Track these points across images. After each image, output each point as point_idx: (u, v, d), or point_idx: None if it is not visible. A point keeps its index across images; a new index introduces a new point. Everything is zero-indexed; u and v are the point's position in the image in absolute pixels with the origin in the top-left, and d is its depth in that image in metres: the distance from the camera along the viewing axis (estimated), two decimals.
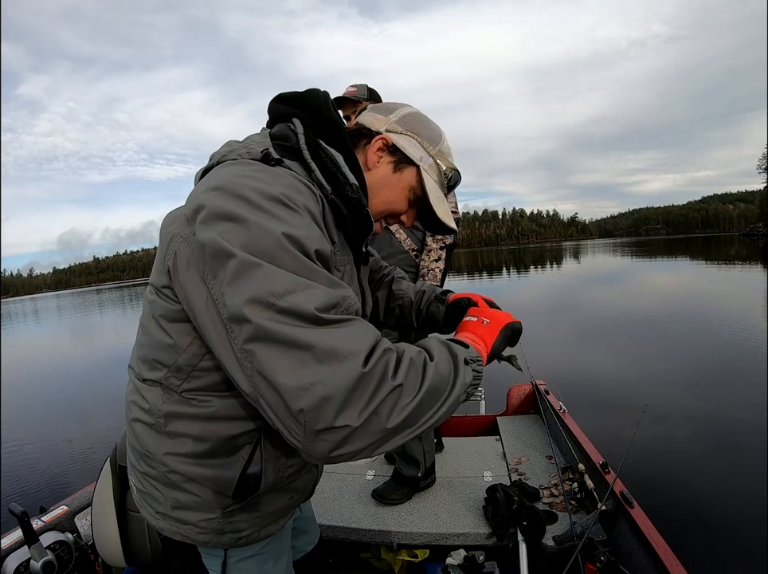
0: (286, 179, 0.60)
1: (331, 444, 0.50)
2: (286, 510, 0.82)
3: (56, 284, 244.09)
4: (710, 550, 2.15)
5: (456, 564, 1.56)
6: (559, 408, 2.24)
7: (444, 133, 0.79)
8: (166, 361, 0.67)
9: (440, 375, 0.57)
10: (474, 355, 0.66)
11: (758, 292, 10.24)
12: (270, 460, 0.71)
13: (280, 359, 0.50)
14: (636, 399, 4.10)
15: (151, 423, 0.70)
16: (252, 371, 0.52)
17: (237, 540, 0.76)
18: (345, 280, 0.70)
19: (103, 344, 12.17)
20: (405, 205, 0.78)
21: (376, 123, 0.76)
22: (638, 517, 1.34)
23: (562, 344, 6.71)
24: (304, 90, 0.74)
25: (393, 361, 0.54)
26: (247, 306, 0.51)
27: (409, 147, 0.74)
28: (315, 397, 0.48)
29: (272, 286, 0.51)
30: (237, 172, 0.60)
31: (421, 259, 1.87)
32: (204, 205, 0.57)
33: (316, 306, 0.51)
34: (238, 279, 0.52)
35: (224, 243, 0.53)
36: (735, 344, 5.84)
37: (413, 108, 0.78)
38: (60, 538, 1.46)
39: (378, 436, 0.51)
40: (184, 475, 0.70)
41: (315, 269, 0.54)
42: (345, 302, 0.55)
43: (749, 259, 21.74)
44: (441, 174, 0.77)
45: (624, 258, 30.73)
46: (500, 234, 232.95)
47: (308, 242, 0.55)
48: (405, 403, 0.52)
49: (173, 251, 0.61)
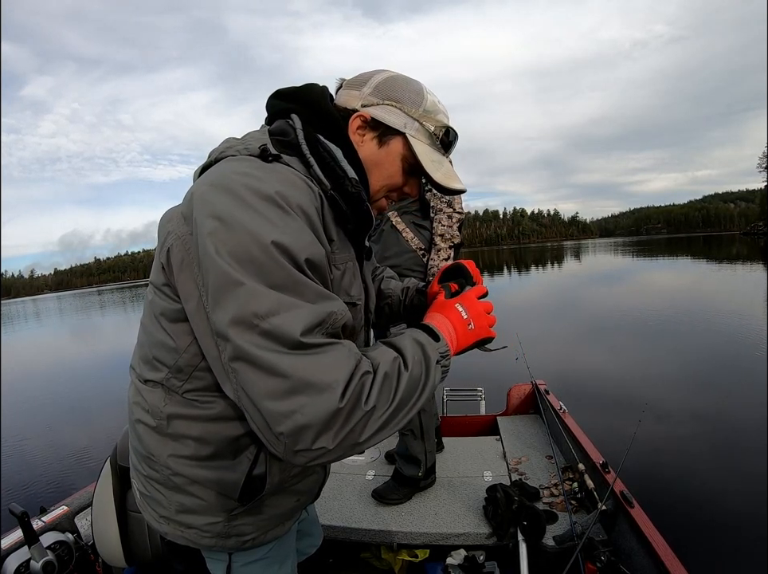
0: (282, 175, 0.60)
1: (307, 459, 0.54)
2: (291, 512, 0.81)
3: (57, 285, 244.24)
4: (710, 550, 2.15)
5: (456, 564, 1.56)
6: (559, 408, 2.24)
7: (426, 90, 0.72)
8: (166, 361, 0.67)
9: (413, 382, 0.60)
10: (444, 351, 0.66)
11: (758, 290, 10.23)
12: (276, 460, 0.70)
13: (261, 382, 0.52)
14: (637, 399, 4.09)
15: (154, 425, 0.70)
16: (237, 387, 0.55)
17: (242, 543, 0.74)
18: (347, 277, 0.69)
19: (103, 344, 12.18)
20: (401, 177, 0.74)
21: (351, 100, 0.72)
22: (638, 517, 1.34)
23: (562, 344, 6.70)
24: (302, 85, 0.73)
25: (368, 384, 0.55)
26: (231, 326, 0.52)
27: (389, 116, 0.70)
28: (294, 424, 0.51)
29: (256, 306, 0.52)
30: (233, 169, 0.60)
31: (430, 258, 1.88)
32: (198, 202, 0.58)
33: (300, 329, 0.52)
34: (224, 295, 0.53)
35: (212, 250, 0.54)
36: (736, 343, 5.84)
37: (388, 72, 0.73)
38: (60, 538, 1.46)
39: (351, 449, 0.55)
40: (188, 478, 0.69)
41: (302, 282, 0.54)
42: (331, 318, 0.55)
43: (749, 258, 21.71)
44: (432, 135, 0.72)
45: (625, 258, 30.70)
46: (501, 234, 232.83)
47: (298, 250, 0.55)
48: (377, 417, 0.55)
49: (167, 248, 0.63)
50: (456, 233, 1.86)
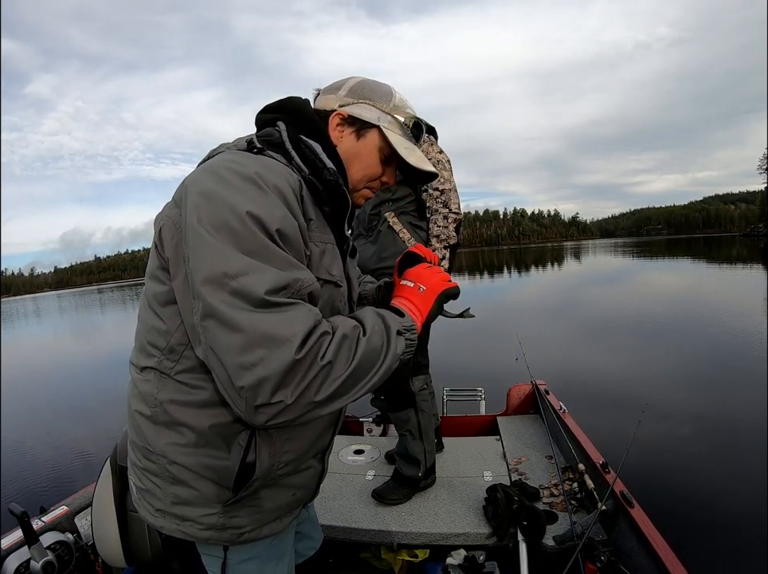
0: (264, 162, 0.67)
1: (267, 416, 0.58)
2: (288, 508, 0.81)
3: (57, 283, 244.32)
4: (710, 550, 2.15)
5: (456, 564, 1.56)
6: (559, 408, 2.24)
7: (394, 89, 0.82)
8: (159, 344, 0.71)
9: (372, 349, 0.64)
10: (408, 325, 0.71)
11: (758, 291, 10.23)
12: (264, 444, 0.71)
13: (226, 338, 0.57)
14: (637, 399, 4.09)
15: (149, 415, 0.72)
16: (206, 346, 0.60)
17: (238, 536, 0.75)
18: (326, 256, 0.74)
19: (104, 343, 12.18)
20: (379, 166, 0.81)
21: (329, 103, 0.80)
22: (638, 517, 1.34)
23: (562, 344, 6.70)
24: (285, 98, 0.82)
25: (327, 342, 0.60)
26: (203, 284, 0.58)
27: (364, 112, 0.78)
28: (254, 377, 0.56)
29: (227, 267, 0.57)
30: (222, 158, 0.68)
31: None
32: (188, 186, 0.65)
33: (266, 289, 0.57)
34: (200, 257, 0.59)
35: (194, 219, 0.60)
36: (736, 343, 5.84)
37: (359, 77, 0.82)
38: (60, 538, 1.46)
39: (309, 407, 0.59)
40: (183, 466, 0.71)
41: (272, 250, 0.60)
42: (297, 284, 0.61)
43: (749, 259, 21.72)
44: (402, 125, 0.80)
45: (625, 258, 30.71)
46: (501, 234, 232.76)
47: (270, 222, 0.60)
48: (335, 378, 0.59)
49: (159, 227, 0.69)
50: (452, 234, 1.85)
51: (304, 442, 0.78)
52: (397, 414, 1.87)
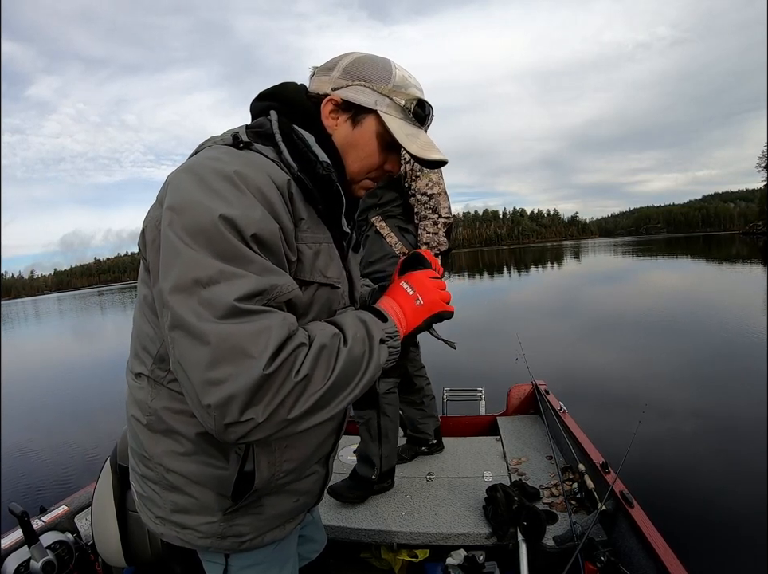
0: (248, 159, 0.62)
1: (237, 434, 0.53)
2: (291, 514, 0.79)
3: (56, 285, 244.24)
4: (710, 550, 2.15)
5: (456, 564, 1.56)
6: (559, 408, 2.24)
7: (394, 65, 0.72)
8: (150, 351, 0.69)
9: (354, 359, 0.59)
10: (391, 331, 0.66)
11: (758, 289, 10.23)
12: (263, 453, 0.69)
13: (193, 352, 0.53)
14: (637, 399, 4.09)
15: (145, 423, 0.70)
16: (174, 359, 0.56)
17: (239, 544, 0.73)
18: (321, 258, 0.69)
19: (103, 344, 12.18)
20: (379, 155, 0.73)
21: (322, 86, 0.72)
22: (638, 517, 1.34)
23: (562, 344, 6.70)
24: (278, 84, 0.76)
25: (302, 355, 0.55)
26: (171, 293, 0.54)
27: (359, 96, 0.70)
28: (221, 394, 0.51)
29: (198, 273, 0.53)
30: (205, 155, 0.63)
31: None
32: (169, 185, 0.61)
33: (237, 295, 0.53)
34: (170, 263, 0.55)
35: (165, 222, 0.57)
36: (735, 343, 5.84)
37: (355, 54, 0.73)
38: (60, 538, 1.46)
39: (283, 425, 0.55)
40: (181, 474, 0.69)
41: (247, 255, 0.55)
42: (274, 290, 0.56)
43: (749, 258, 21.73)
44: (404, 109, 0.71)
45: (625, 257, 30.71)
46: (501, 234, 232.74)
47: (245, 225, 0.56)
48: (312, 392, 0.55)
49: (142, 228, 0.65)
50: (442, 240, 1.81)
51: (306, 449, 0.75)
52: (359, 412, 1.85)
